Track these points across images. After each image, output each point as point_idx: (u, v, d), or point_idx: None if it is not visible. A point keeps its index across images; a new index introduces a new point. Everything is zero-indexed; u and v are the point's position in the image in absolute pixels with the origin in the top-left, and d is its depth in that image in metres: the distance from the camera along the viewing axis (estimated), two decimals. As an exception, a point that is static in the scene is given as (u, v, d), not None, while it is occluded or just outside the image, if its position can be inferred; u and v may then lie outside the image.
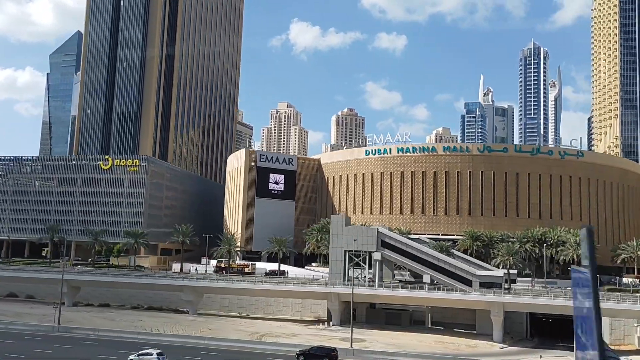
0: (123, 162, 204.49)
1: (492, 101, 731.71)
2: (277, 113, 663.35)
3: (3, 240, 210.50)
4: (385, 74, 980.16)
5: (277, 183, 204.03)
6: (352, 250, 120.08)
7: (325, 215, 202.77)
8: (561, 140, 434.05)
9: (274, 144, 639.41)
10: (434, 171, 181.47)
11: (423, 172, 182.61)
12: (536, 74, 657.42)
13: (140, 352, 67.62)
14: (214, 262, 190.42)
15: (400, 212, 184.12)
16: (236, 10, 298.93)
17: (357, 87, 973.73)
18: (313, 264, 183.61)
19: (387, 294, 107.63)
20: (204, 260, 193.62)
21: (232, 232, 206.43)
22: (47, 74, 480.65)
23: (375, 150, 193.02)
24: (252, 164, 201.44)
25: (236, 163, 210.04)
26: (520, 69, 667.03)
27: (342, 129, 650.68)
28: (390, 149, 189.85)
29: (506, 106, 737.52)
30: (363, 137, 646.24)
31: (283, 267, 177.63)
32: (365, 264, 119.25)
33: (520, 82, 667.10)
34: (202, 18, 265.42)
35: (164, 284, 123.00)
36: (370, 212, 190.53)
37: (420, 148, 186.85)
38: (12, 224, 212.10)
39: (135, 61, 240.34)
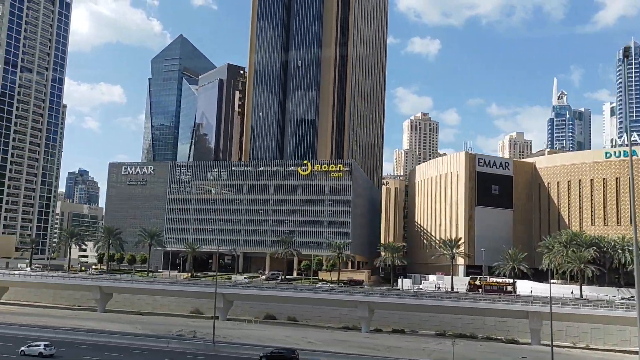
0: (325, 167, 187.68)
1: (568, 105, 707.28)
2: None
3: (184, 253, 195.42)
4: (417, 79, 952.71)
5: (494, 190, 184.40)
6: None
7: (548, 226, 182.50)
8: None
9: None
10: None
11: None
12: (638, 73, 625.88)
13: None
14: (432, 278, 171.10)
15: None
16: (383, 10, 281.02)
17: (388, 92, 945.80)
18: (552, 281, 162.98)
19: None
20: (432, 277, 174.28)
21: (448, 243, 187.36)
22: (149, 79, 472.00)
23: (620, 152, 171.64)
24: (472, 168, 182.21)
25: (448, 167, 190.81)
26: (620, 69, 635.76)
27: (415, 134, 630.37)
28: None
29: (583, 109, 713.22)
30: (436, 142, 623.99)
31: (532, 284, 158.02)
32: None
33: (620, 83, 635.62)
34: (366, 15, 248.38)
35: (507, 309, 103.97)
36: (617, 223, 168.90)
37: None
38: (196, 235, 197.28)
39: (311, 60, 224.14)
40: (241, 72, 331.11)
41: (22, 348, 72.14)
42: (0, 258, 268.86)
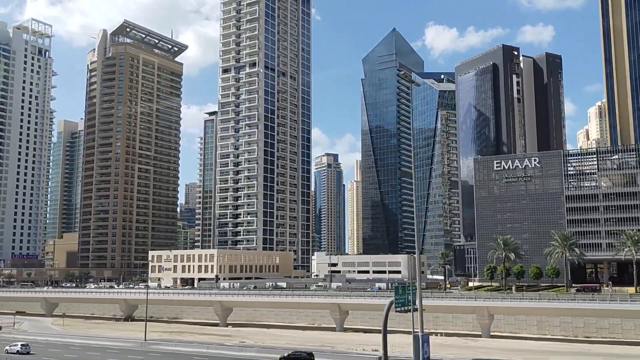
0: None
1: None
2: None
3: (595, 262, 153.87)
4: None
5: None
6: None
7: None
8: None
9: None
10: None
11: None
12: None
13: None
14: None
15: None
16: None
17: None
18: None
19: None
20: None
21: None
22: (362, 80, 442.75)
23: None
24: None
25: None
26: None
27: (604, 120, 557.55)
28: None
29: None
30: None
31: None
32: None
33: None
34: None
35: None
36: None
37: None
38: (609, 239, 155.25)
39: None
40: (515, 53, 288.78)
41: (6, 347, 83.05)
42: (284, 277, 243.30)
